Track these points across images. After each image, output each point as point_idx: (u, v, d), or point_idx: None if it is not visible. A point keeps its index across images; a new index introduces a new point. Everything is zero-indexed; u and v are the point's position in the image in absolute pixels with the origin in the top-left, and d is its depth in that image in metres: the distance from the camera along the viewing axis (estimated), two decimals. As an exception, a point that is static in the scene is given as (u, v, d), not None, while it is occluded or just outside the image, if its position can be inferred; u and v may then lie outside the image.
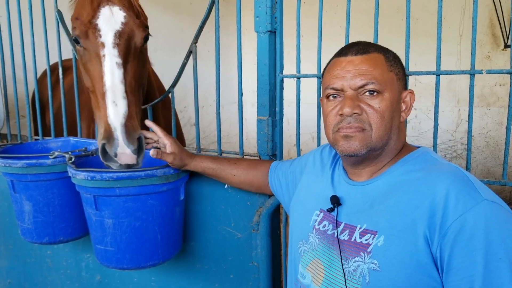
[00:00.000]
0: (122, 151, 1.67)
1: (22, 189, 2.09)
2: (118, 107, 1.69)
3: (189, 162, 1.84)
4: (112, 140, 1.66)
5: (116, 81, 1.72)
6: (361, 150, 1.23)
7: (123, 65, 1.75)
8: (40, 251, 2.69)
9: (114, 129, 1.66)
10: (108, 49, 1.73)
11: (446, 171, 1.15)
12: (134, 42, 1.80)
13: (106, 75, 1.72)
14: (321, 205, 1.40)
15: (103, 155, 1.70)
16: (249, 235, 1.97)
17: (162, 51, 5.23)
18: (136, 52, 1.83)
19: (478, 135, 5.65)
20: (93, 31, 1.74)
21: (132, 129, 1.70)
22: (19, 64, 2.72)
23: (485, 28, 5.43)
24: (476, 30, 1.55)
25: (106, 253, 1.86)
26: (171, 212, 1.92)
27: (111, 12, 1.75)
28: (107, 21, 1.74)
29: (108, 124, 1.67)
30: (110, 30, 1.74)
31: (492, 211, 1.04)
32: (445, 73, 1.59)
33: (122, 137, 1.66)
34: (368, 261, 1.16)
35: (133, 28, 1.79)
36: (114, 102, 1.69)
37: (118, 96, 1.70)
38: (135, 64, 1.82)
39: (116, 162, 1.70)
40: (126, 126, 1.68)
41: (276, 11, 1.85)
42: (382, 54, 1.27)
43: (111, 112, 1.68)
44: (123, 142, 1.66)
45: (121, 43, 1.75)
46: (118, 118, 1.67)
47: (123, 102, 1.71)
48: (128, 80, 1.76)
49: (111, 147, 1.66)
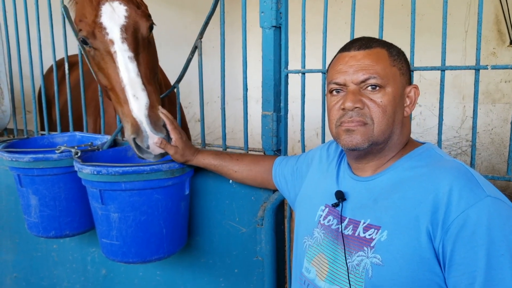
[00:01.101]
0: (153, 141, 1.72)
1: (28, 184, 2.10)
2: (139, 100, 1.72)
3: (191, 158, 1.86)
4: (141, 133, 1.71)
5: (132, 75, 1.74)
6: (363, 144, 1.24)
7: (135, 58, 1.77)
8: (46, 245, 2.72)
9: (140, 122, 1.71)
10: (118, 45, 1.75)
11: (450, 167, 1.15)
12: (140, 33, 1.82)
13: (121, 71, 1.74)
14: (326, 200, 1.41)
15: (137, 149, 1.76)
16: (253, 229, 1.98)
17: (166, 47, 5.23)
18: (144, 42, 1.84)
19: (483, 131, 5.63)
20: (99, 30, 1.75)
21: (157, 118, 1.75)
22: (25, 60, 2.73)
23: (491, 24, 5.41)
24: (481, 25, 1.55)
25: (112, 247, 1.88)
26: (176, 206, 1.93)
27: (112, 8, 1.76)
28: (110, 17, 1.76)
29: (134, 118, 1.72)
30: (115, 26, 1.75)
31: (495, 207, 1.05)
32: (450, 68, 1.59)
33: (149, 129, 1.71)
34: (371, 256, 1.17)
35: (136, 19, 1.80)
36: (134, 95, 1.72)
37: (137, 89, 1.73)
38: (146, 54, 1.84)
39: (151, 154, 1.76)
40: (150, 116, 1.72)
41: (281, 6, 1.85)
42: (385, 49, 1.28)
43: (134, 106, 1.72)
44: (152, 133, 1.71)
45: (129, 36, 1.77)
46: (142, 111, 1.71)
47: (143, 94, 1.74)
48: (143, 72, 1.78)
49: (142, 140, 1.72)
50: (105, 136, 2.38)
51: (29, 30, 2.67)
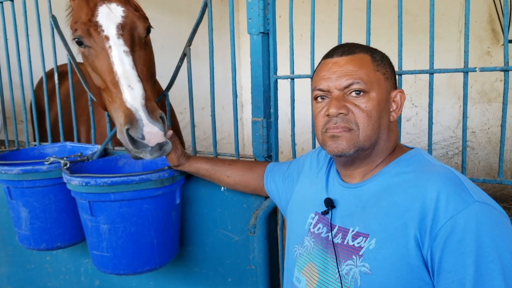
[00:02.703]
0: (149, 130, 1.59)
1: (18, 196, 2.09)
2: (135, 90, 1.64)
3: (184, 162, 1.84)
4: (136, 121, 1.59)
5: (127, 67, 1.69)
6: (349, 150, 1.22)
7: (131, 53, 1.73)
8: (39, 257, 2.69)
9: (135, 110, 1.60)
10: (113, 40, 1.72)
11: (437, 173, 1.13)
12: (137, 32, 1.80)
13: (116, 64, 1.69)
14: (316, 207, 1.39)
15: (132, 143, 1.62)
16: (246, 238, 1.96)
17: (161, 53, 5.22)
18: (141, 42, 1.82)
19: (479, 131, 5.62)
20: (95, 28, 1.73)
21: (154, 108, 1.64)
22: (15, 70, 2.71)
23: (485, 23, 5.39)
24: (468, 28, 1.54)
25: (102, 259, 1.86)
26: (167, 216, 1.91)
27: (109, 9, 1.76)
28: (107, 17, 1.74)
29: (128, 108, 1.61)
30: (112, 24, 1.74)
31: (483, 212, 1.03)
32: (438, 71, 1.58)
33: (145, 116, 1.59)
34: (360, 265, 1.15)
35: (133, 19, 1.79)
36: (129, 86, 1.65)
37: (133, 80, 1.66)
38: (143, 54, 1.81)
39: (146, 146, 1.63)
40: (147, 106, 1.62)
41: (269, 12, 1.84)
42: (369, 54, 1.26)
43: (128, 96, 1.63)
44: (148, 121, 1.58)
45: (125, 33, 1.75)
46: (137, 99, 1.62)
47: (139, 85, 1.66)
48: (139, 67, 1.73)
49: (136, 129, 1.58)
50: (95, 146, 2.36)
51: (18, 40, 2.65)
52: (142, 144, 1.63)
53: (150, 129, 1.59)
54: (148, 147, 1.63)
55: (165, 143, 1.67)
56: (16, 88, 2.82)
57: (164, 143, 1.67)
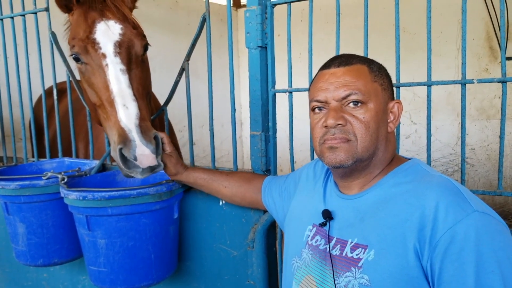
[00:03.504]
0: (141, 152, 1.59)
1: (15, 211, 2.07)
2: (129, 110, 1.65)
3: (182, 171, 1.84)
4: (129, 142, 1.59)
5: (123, 86, 1.69)
6: (347, 161, 1.21)
7: (127, 72, 1.73)
8: (36, 274, 2.66)
9: (129, 131, 1.61)
10: (110, 58, 1.72)
11: (436, 183, 1.13)
12: (134, 50, 1.81)
13: (112, 82, 1.69)
14: (314, 219, 1.38)
15: (123, 162, 1.63)
16: (245, 252, 1.94)
17: (160, 71, 5.25)
18: (138, 60, 1.82)
19: (479, 148, 5.61)
20: (92, 45, 1.74)
21: (147, 129, 1.65)
22: (14, 88, 2.72)
23: (482, 41, 5.43)
24: (465, 40, 1.55)
25: (100, 274, 1.84)
26: (165, 231, 1.89)
27: (107, 26, 1.77)
28: (104, 34, 1.75)
29: (122, 127, 1.62)
30: (109, 41, 1.74)
31: (483, 222, 1.02)
32: (436, 83, 1.58)
33: (138, 137, 1.60)
34: (359, 276, 1.13)
35: (131, 37, 1.79)
36: (124, 105, 1.65)
37: (128, 99, 1.67)
38: (139, 72, 1.81)
39: (138, 167, 1.63)
40: (141, 126, 1.63)
41: (267, 26, 1.85)
42: (366, 65, 1.27)
43: (122, 116, 1.63)
44: (140, 142, 1.59)
45: (122, 51, 1.75)
46: (132, 119, 1.63)
47: (134, 104, 1.67)
48: (134, 86, 1.73)
49: (129, 150, 1.59)
50: (94, 161, 2.35)
51: (17, 58, 2.66)
52: (134, 165, 1.63)
53: (142, 151, 1.60)
54: (140, 168, 1.64)
55: (157, 166, 1.67)
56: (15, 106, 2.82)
57: (156, 166, 1.67)
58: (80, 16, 1.81)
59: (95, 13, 1.79)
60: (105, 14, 1.79)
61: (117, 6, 1.82)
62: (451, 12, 5.41)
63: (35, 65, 2.59)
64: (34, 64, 2.60)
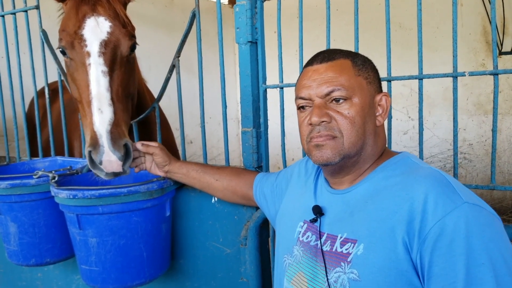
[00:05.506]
0: (107, 158, 1.63)
1: (6, 211, 2.05)
2: (103, 114, 1.67)
3: (174, 162, 1.84)
4: (98, 147, 1.63)
5: (102, 89, 1.70)
6: (334, 158, 1.20)
7: (109, 73, 1.73)
8: (30, 274, 2.65)
9: (99, 136, 1.64)
10: (93, 58, 1.72)
11: (425, 175, 1.11)
12: (120, 51, 1.79)
13: (91, 84, 1.70)
14: (305, 216, 1.37)
15: (91, 163, 1.67)
16: (237, 250, 1.92)
17: (156, 69, 5.22)
18: (122, 61, 1.81)
19: (477, 143, 5.60)
20: (78, 42, 1.73)
21: (118, 136, 1.67)
22: (6, 86, 2.70)
23: (479, 35, 5.42)
24: (456, 32, 1.53)
25: (91, 273, 1.82)
26: (157, 229, 1.88)
27: (97, 23, 1.75)
28: (92, 31, 1.74)
29: (94, 131, 1.65)
30: (95, 40, 1.73)
31: (473, 214, 1.00)
32: (427, 76, 1.57)
33: (107, 144, 1.63)
34: (348, 271, 1.12)
35: (119, 37, 1.78)
36: (99, 109, 1.67)
37: (104, 103, 1.68)
38: (122, 73, 1.80)
39: (102, 171, 1.67)
40: (112, 132, 1.65)
41: (257, 21, 1.84)
42: (349, 59, 1.25)
43: (96, 119, 1.66)
44: (108, 149, 1.63)
45: (107, 52, 1.74)
46: (104, 125, 1.65)
47: (109, 109, 1.68)
48: (114, 88, 1.74)
49: (97, 154, 1.63)
50: (86, 160, 2.33)
51: (9, 56, 2.64)
52: (98, 167, 1.67)
53: (109, 158, 1.64)
54: (103, 172, 1.68)
55: (122, 173, 1.70)
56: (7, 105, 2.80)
57: (121, 173, 1.70)
58: (72, 8, 1.79)
59: (87, 7, 1.77)
60: (96, 9, 1.77)
61: (109, 1, 1.80)
62: (448, 7, 5.37)
63: (26, 63, 2.57)
64: (26, 63, 2.58)
